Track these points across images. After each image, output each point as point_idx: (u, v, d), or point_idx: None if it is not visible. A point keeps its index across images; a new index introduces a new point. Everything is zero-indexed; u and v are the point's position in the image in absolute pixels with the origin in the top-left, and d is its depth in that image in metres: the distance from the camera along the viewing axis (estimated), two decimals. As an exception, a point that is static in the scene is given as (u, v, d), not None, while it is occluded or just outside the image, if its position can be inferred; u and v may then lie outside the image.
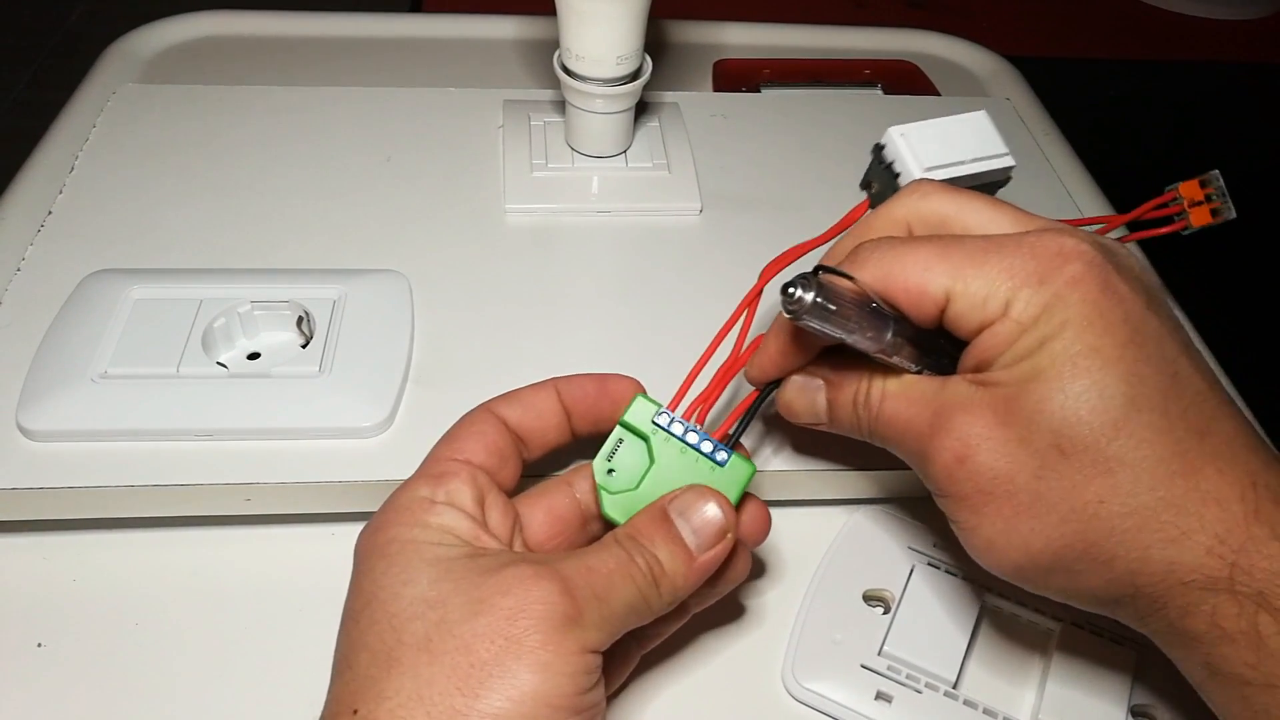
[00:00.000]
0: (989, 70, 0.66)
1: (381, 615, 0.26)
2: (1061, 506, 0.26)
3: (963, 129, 0.36)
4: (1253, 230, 1.43)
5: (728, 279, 0.45)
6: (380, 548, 0.27)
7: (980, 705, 0.33)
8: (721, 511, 0.29)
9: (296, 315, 0.40)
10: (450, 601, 0.25)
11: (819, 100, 0.57)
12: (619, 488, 0.30)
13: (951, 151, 0.36)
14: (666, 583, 0.28)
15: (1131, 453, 0.25)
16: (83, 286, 0.40)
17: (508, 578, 0.26)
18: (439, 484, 0.29)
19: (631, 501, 0.30)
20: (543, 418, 0.32)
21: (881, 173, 0.36)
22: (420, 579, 0.26)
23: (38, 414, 0.35)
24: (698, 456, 0.31)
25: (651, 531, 0.28)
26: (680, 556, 0.28)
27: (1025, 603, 0.35)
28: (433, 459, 0.30)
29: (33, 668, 0.33)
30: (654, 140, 0.50)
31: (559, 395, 0.32)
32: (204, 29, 0.62)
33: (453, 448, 0.30)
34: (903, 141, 0.35)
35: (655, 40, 0.66)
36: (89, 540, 0.36)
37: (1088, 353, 0.26)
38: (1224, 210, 0.38)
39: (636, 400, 0.31)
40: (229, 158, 0.49)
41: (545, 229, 0.47)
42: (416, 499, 0.28)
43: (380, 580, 0.27)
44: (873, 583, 0.36)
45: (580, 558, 0.27)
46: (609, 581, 0.27)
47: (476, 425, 0.31)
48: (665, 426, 0.31)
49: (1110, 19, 1.79)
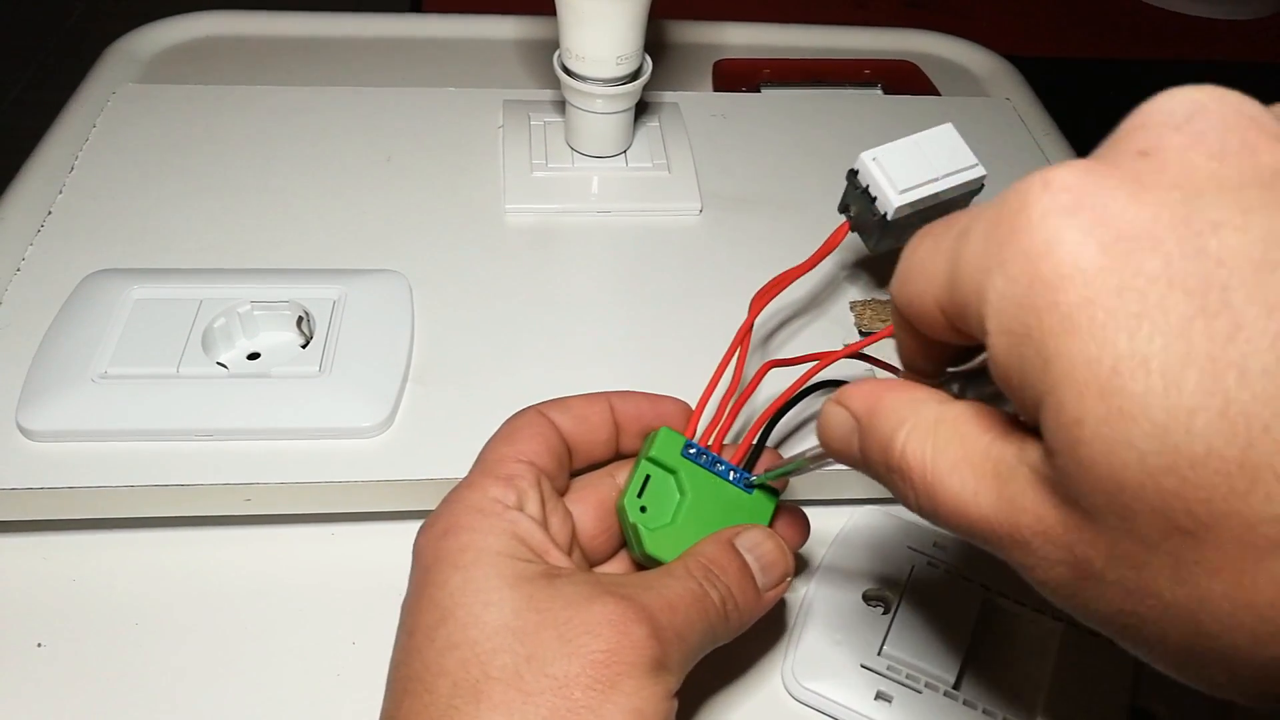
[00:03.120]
0: (989, 70, 0.66)
1: (462, 639, 0.25)
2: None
3: (932, 144, 0.37)
4: (1253, 230, 1.43)
5: (728, 279, 0.45)
6: (452, 555, 0.26)
7: (980, 705, 0.33)
8: (784, 553, 0.30)
9: (296, 315, 0.40)
10: (539, 636, 0.25)
11: (819, 100, 0.57)
12: (656, 524, 0.30)
13: (923, 170, 0.36)
14: (735, 617, 0.28)
15: None
16: (83, 286, 0.40)
17: (597, 617, 0.25)
18: (509, 486, 0.28)
19: (672, 535, 0.30)
20: (594, 430, 0.31)
21: (858, 197, 0.37)
22: (503, 603, 0.25)
23: (38, 414, 0.35)
24: (727, 485, 0.31)
25: (725, 564, 0.28)
26: (750, 592, 0.29)
27: (1025, 603, 0.35)
28: (497, 458, 0.29)
29: (33, 668, 0.33)
30: (654, 140, 0.50)
31: (612, 409, 0.32)
32: (204, 29, 0.62)
33: (516, 448, 0.29)
34: (875, 166, 0.36)
35: (655, 40, 0.66)
36: (89, 540, 0.36)
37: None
38: None
39: (662, 434, 0.31)
40: (229, 158, 0.49)
41: (545, 229, 0.47)
42: (489, 500, 0.27)
43: (457, 597, 0.26)
44: (873, 583, 0.36)
45: (660, 591, 0.27)
46: (688, 618, 0.27)
47: (536, 427, 0.30)
48: (694, 458, 0.31)
49: (1110, 19, 1.79)
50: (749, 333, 0.35)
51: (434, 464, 0.36)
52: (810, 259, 0.37)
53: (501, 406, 0.38)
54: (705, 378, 0.39)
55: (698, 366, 0.40)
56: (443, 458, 0.36)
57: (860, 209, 0.37)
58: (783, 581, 0.30)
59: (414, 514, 0.37)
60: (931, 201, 0.36)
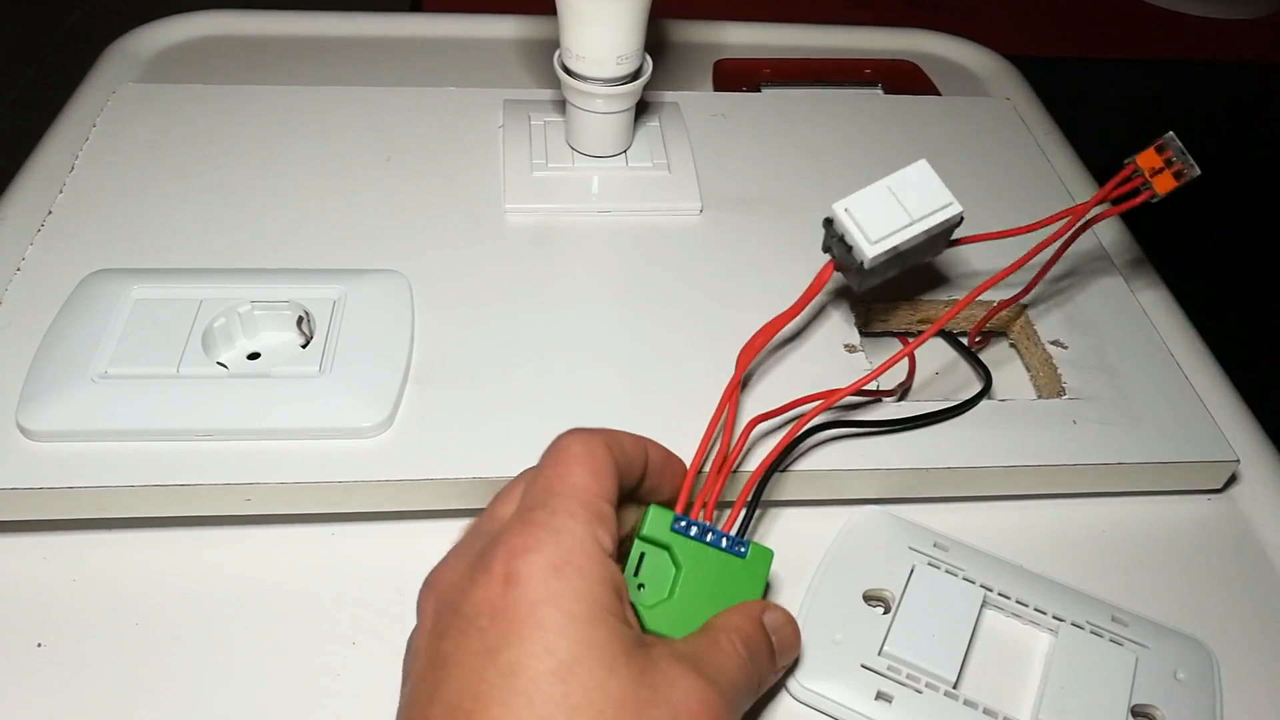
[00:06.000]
0: (989, 70, 0.66)
1: (585, 703, 0.24)
2: None
3: (905, 186, 0.37)
4: (1253, 230, 1.43)
5: (728, 279, 0.45)
6: (566, 600, 0.25)
7: (980, 705, 0.33)
8: (798, 638, 0.32)
9: (296, 315, 0.40)
10: (651, 714, 0.25)
11: (819, 100, 0.57)
12: (654, 600, 0.30)
13: (897, 216, 0.36)
14: (759, 692, 0.30)
15: None
16: (83, 286, 0.40)
17: (695, 699, 0.26)
18: (607, 529, 0.27)
19: (673, 611, 0.30)
20: (631, 474, 0.30)
21: (836, 243, 0.37)
22: (622, 673, 0.25)
23: (38, 414, 0.35)
24: (721, 553, 0.31)
25: (760, 642, 0.30)
26: (771, 673, 0.30)
27: (1026, 602, 0.35)
28: (590, 494, 0.27)
29: (33, 668, 0.33)
30: (654, 140, 0.50)
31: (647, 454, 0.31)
32: (204, 29, 0.62)
33: (601, 484, 0.28)
34: (847, 217, 0.36)
35: (655, 40, 0.66)
36: (89, 540, 0.36)
37: None
38: (1186, 170, 0.38)
39: (651, 512, 0.31)
40: (229, 158, 0.49)
41: (545, 229, 0.47)
42: (595, 543, 0.26)
43: (578, 652, 0.24)
44: (873, 583, 0.36)
45: (721, 668, 0.27)
46: (741, 695, 0.28)
47: (607, 463, 0.28)
48: (684, 531, 0.31)
49: (1110, 19, 1.79)
50: (738, 388, 0.36)
51: (434, 464, 0.36)
52: (796, 304, 0.37)
53: (501, 407, 0.38)
54: (705, 378, 0.39)
55: (698, 367, 0.40)
56: (443, 458, 0.36)
57: (840, 252, 0.37)
58: (789, 661, 0.32)
59: (414, 514, 0.37)
60: (908, 245, 0.36)
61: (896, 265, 0.37)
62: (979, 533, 0.38)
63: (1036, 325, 0.44)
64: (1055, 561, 0.38)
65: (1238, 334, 1.21)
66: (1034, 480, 0.39)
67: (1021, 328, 0.45)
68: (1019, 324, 0.45)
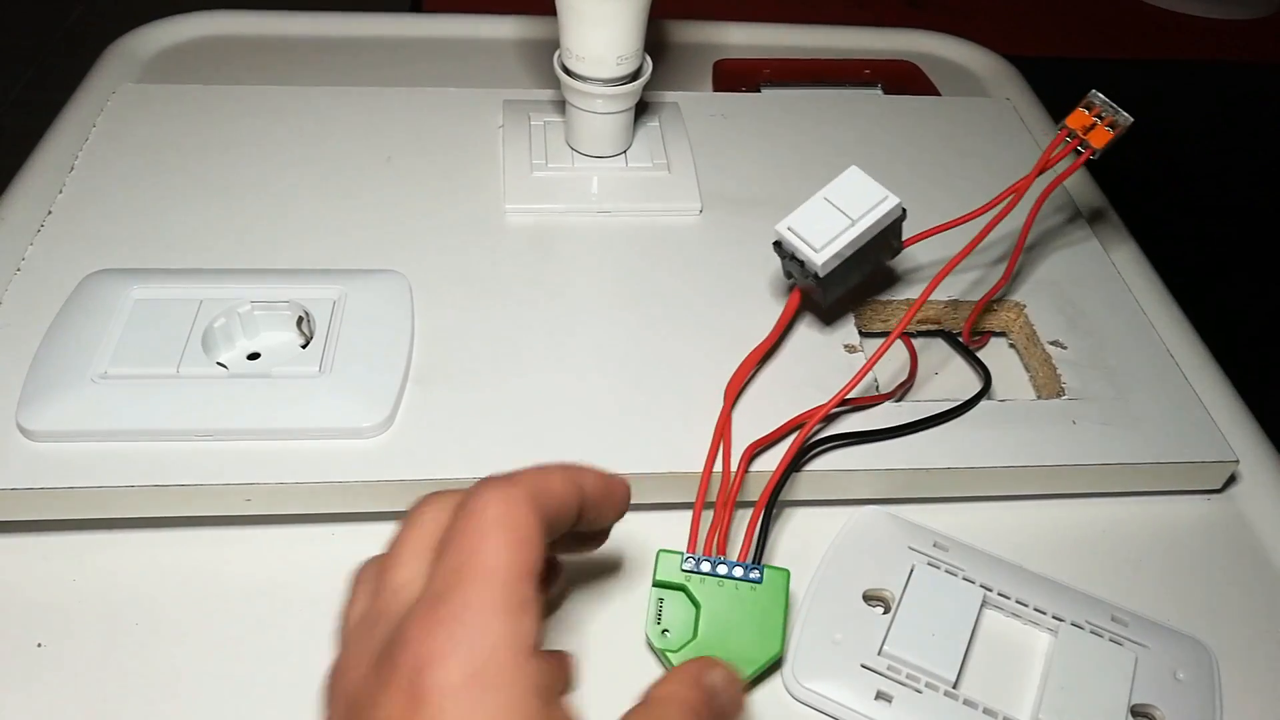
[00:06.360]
0: (989, 70, 0.66)
1: None
2: None
3: (840, 194, 0.39)
4: (1253, 230, 1.43)
5: (728, 279, 0.45)
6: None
7: (980, 705, 0.33)
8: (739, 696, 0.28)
9: (296, 315, 0.40)
10: None
11: (819, 100, 0.57)
12: (680, 643, 0.31)
13: (837, 221, 0.38)
14: None
15: None
16: (83, 286, 0.40)
17: None
18: (529, 616, 0.23)
19: (700, 650, 0.31)
20: (562, 520, 0.26)
21: (792, 264, 0.39)
22: None
23: (38, 414, 0.35)
24: (736, 583, 0.32)
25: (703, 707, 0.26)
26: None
27: (1025, 602, 0.35)
28: (504, 572, 0.23)
29: (33, 668, 0.33)
30: (654, 140, 0.50)
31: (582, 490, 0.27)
32: (204, 29, 0.62)
33: (522, 558, 0.23)
34: (791, 235, 0.38)
35: (655, 40, 0.66)
36: (89, 540, 0.36)
37: None
38: (1119, 120, 0.40)
39: (660, 556, 0.32)
40: (229, 158, 0.49)
41: (545, 229, 0.47)
42: (514, 639, 0.22)
43: None
44: (873, 583, 0.36)
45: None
46: None
47: (528, 526, 0.24)
48: (696, 570, 0.32)
49: (1110, 19, 1.79)
50: (729, 422, 0.37)
51: (434, 464, 0.36)
52: (771, 334, 0.39)
53: (501, 407, 0.38)
54: (705, 378, 0.39)
55: (697, 367, 0.40)
56: (443, 458, 0.36)
57: (798, 274, 0.39)
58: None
59: (414, 514, 0.37)
60: (856, 245, 0.38)
61: (855, 269, 0.39)
62: (979, 533, 0.38)
63: (1036, 325, 0.44)
64: (1055, 561, 0.38)
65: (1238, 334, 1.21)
66: (1034, 480, 0.39)
67: (1021, 328, 0.45)
68: (1019, 324, 0.45)
